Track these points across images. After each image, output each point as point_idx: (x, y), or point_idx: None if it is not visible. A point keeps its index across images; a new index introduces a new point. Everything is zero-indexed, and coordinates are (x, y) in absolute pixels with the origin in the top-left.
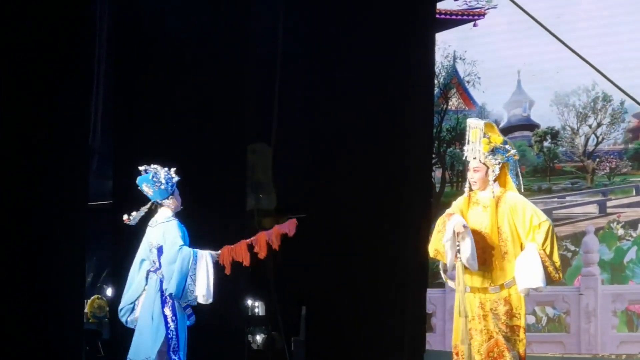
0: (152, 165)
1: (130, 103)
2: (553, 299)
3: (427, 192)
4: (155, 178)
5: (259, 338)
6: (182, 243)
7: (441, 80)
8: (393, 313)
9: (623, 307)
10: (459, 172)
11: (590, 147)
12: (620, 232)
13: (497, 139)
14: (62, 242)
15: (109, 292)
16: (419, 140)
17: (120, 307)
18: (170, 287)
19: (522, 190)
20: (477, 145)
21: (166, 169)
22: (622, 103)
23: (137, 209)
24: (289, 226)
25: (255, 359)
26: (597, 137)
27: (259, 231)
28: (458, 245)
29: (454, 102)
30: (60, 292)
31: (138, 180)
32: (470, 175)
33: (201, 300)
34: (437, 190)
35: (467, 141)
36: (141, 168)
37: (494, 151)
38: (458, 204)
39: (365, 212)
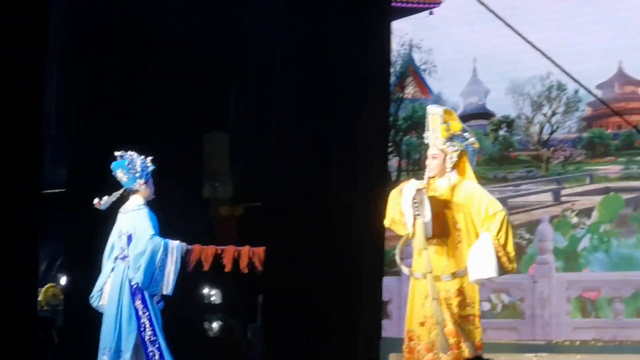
0: (128, 152)
1: (84, 91)
2: (508, 287)
3: (383, 180)
4: (130, 165)
5: (216, 326)
6: (153, 232)
7: (397, 68)
8: (349, 301)
9: (577, 294)
10: (415, 161)
11: (545, 136)
12: (575, 220)
13: (456, 126)
14: (15, 231)
15: (63, 280)
16: (375, 129)
17: (91, 294)
18: (137, 277)
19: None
20: (436, 132)
21: (142, 156)
22: (576, 92)
23: (97, 196)
24: (259, 256)
25: (212, 347)
26: (552, 126)
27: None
28: (416, 205)
29: (410, 90)
30: (13, 280)
31: (113, 165)
32: (428, 162)
33: (164, 291)
34: (393, 179)
35: (426, 128)
36: (117, 154)
37: (452, 138)
38: None
39: (321, 200)
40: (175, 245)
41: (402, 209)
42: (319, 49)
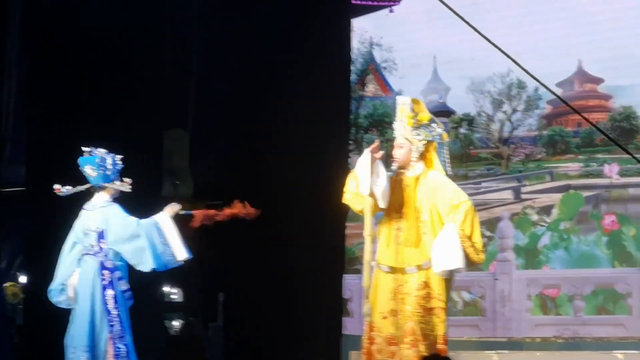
0: (97, 149)
1: (44, 89)
2: (469, 284)
3: (343, 178)
4: (101, 162)
5: (176, 324)
6: (137, 219)
7: (358, 66)
8: (310, 299)
9: (537, 291)
10: None
11: (505, 134)
12: (535, 217)
13: (424, 116)
14: None
15: (23, 279)
16: (335, 127)
17: (49, 288)
18: (148, 263)
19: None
20: (403, 121)
21: (112, 154)
22: (536, 90)
23: (58, 184)
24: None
25: (172, 345)
26: (512, 124)
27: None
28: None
29: (370, 88)
30: None
31: (80, 161)
32: (394, 152)
33: (182, 258)
34: None
35: (395, 119)
36: (86, 150)
37: (418, 127)
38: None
39: (281, 198)
40: (160, 216)
41: (357, 174)
42: (279, 46)
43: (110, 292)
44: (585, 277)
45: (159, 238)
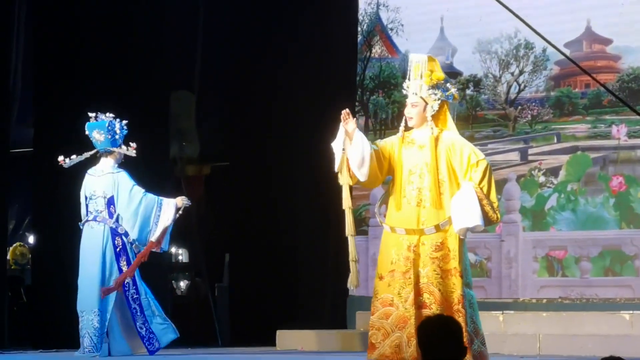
0: (106, 114)
1: (51, 51)
2: (475, 245)
3: None
4: (110, 127)
5: (182, 285)
6: (144, 191)
7: (364, 27)
8: (315, 260)
9: (544, 253)
10: (382, 120)
11: (512, 95)
12: (542, 179)
13: (439, 75)
14: None
15: (31, 239)
16: (341, 88)
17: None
18: (134, 233)
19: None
20: (419, 80)
21: (119, 119)
22: (544, 50)
23: (61, 155)
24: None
25: (179, 306)
26: (519, 85)
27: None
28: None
29: (377, 49)
30: None
31: (88, 126)
32: (408, 111)
33: (157, 245)
34: None
35: (407, 77)
36: (91, 115)
37: (435, 86)
38: (389, 140)
39: (287, 160)
40: (168, 200)
41: (333, 149)
42: (285, 7)
43: (124, 258)
44: (592, 239)
45: (154, 216)
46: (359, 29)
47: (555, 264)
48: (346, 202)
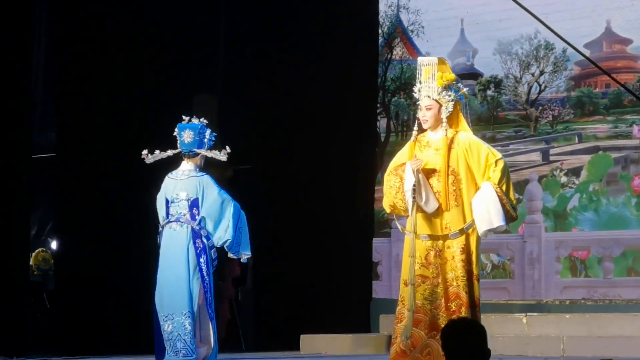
0: (200, 119)
1: (72, 56)
2: (497, 247)
3: (372, 141)
4: (202, 129)
5: None
6: (228, 195)
7: (385, 29)
8: (339, 261)
9: (566, 254)
10: (403, 122)
11: (533, 96)
12: (563, 179)
13: (450, 76)
14: (6, 195)
15: (54, 244)
16: (363, 90)
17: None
18: (227, 235)
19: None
20: (430, 82)
21: (210, 129)
22: (564, 51)
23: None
24: None
25: None
26: (540, 86)
27: None
28: (414, 189)
29: (398, 51)
30: (5, 245)
31: (180, 125)
32: (422, 114)
33: (245, 252)
34: (382, 139)
35: (417, 81)
36: (185, 117)
37: (447, 87)
38: (404, 151)
39: (310, 162)
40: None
41: (405, 197)
42: (307, 10)
43: (203, 259)
44: (615, 239)
45: (240, 225)
46: (380, 31)
47: (578, 264)
48: (413, 224)
